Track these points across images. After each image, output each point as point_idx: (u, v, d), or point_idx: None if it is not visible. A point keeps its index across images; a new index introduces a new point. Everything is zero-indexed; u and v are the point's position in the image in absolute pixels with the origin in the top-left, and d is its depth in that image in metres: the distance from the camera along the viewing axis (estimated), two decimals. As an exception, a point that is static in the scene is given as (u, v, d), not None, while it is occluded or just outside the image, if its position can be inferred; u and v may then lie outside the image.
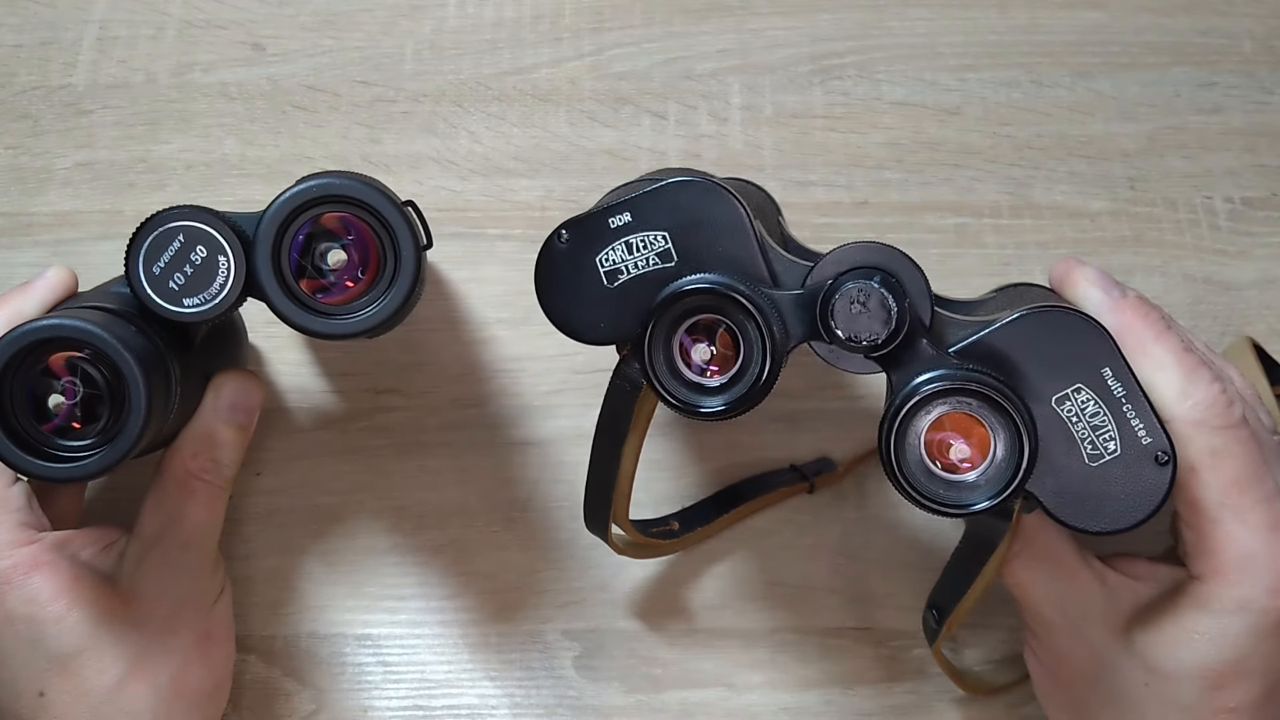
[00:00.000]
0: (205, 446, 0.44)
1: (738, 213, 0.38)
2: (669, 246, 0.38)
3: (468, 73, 0.55)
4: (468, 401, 0.52)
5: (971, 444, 0.36)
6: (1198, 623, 0.40)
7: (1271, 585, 0.39)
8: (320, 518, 0.51)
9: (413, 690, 0.50)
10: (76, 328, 0.38)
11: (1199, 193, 0.54)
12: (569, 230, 0.38)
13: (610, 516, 0.44)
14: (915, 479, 0.36)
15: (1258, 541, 0.39)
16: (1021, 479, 0.36)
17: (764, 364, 0.36)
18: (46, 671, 0.41)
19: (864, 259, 0.37)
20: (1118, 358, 0.37)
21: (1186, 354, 0.39)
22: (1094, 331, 0.37)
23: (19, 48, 0.55)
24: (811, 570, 0.51)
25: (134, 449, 0.38)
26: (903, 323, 0.36)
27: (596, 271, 0.38)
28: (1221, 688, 0.39)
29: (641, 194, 0.38)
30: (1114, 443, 0.37)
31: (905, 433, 0.36)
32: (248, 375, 0.45)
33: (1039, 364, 0.37)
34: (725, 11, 0.56)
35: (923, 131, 0.54)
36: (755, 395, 0.37)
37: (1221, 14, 0.56)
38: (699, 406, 0.37)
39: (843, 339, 0.36)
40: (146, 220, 0.39)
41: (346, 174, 0.40)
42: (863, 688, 0.50)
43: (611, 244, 0.38)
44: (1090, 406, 0.37)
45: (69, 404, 0.39)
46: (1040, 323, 0.37)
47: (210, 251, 0.39)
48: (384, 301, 0.40)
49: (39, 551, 0.42)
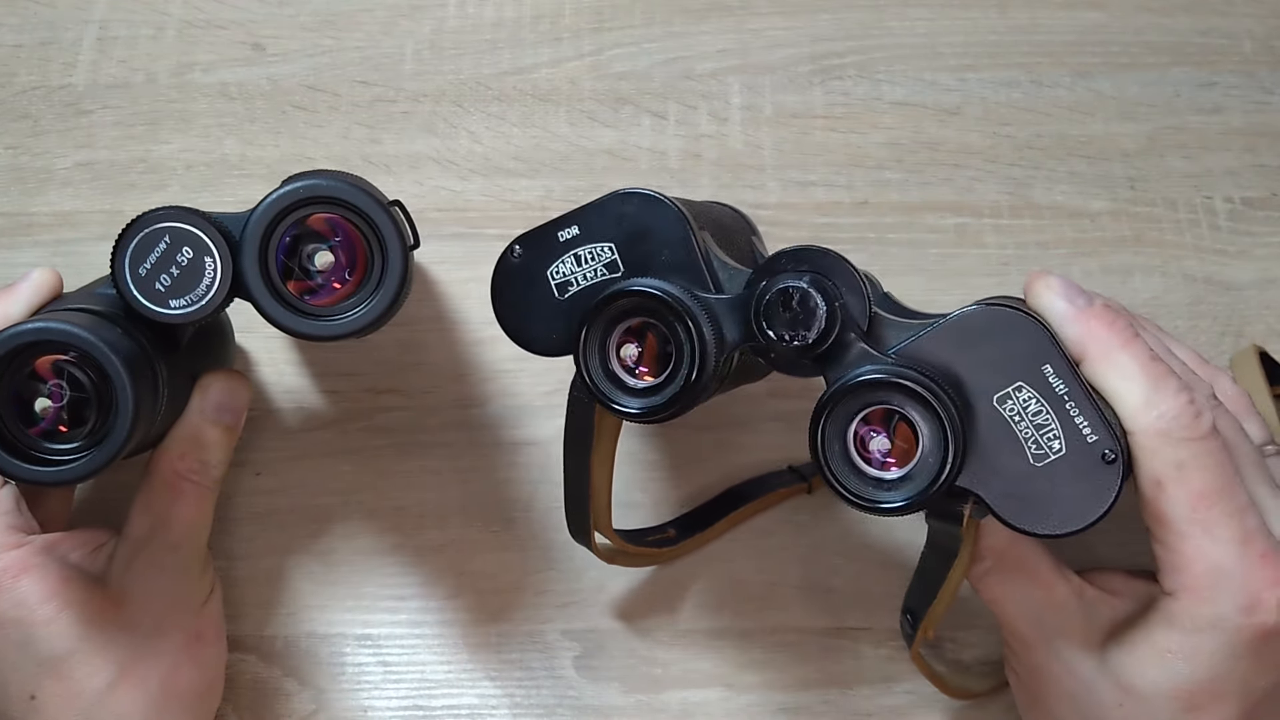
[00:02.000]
0: (192, 447, 0.43)
1: (680, 223, 0.38)
2: (615, 258, 0.38)
3: (468, 73, 0.55)
4: (468, 402, 0.52)
5: (896, 440, 0.36)
6: (1170, 641, 0.38)
7: (1244, 603, 0.37)
8: (320, 518, 0.51)
9: (413, 690, 0.50)
10: (63, 331, 0.37)
11: (1199, 193, 0.54)
12: (521, 245, 0.39)
13: (591, 526, 0.44)
14: (843, 475, 0.36)
15: (1229, 557, 0.37)
16: (946, 475, 0.35)
17: (692, 366, 0.37)
18: (37, 675, 0.41)
19: (798, 263, 0.37)
20: (1058, 355, 0.36)
21: (1153, 363, 0.38)
22: (1033, 328, 0.36)
23: (19, 48, 0.55)
24: (811, 570, 0.51)
25: (121, 452, 0.38)
26: (833, 324, 0.36)
27: (548, 285, 0.39)
28: (1197, 709, 0.38)
29: (587, 206, 0.39)
30: (1059, 442, 0.36)
31: (832, 429, 0.36)
32: (234, 375, 0.45)
33: (979, 363, 0.36)
34: (725, 11, 0.56)
35: (923, 131, 0.54)
36: (683, 397, 0.37)
37: (1221, 14, 0.56)
38: (627, 408, 0.38)
39: (774, 340, 0.37)
40: (132, 221, 0.39)
41: (332, 174, 0.40)
42: (863, 688, 0.50)
43: (561, 257, 0.39)
44: (1032, 405, 0.36)
45: (55, 407, 0.38)
46: (979, 320, 0.37)
47: (196, 252, 0.39)
48: (372, 303, 0.39)
49: (28, 554, 0.42)
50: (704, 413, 0.52)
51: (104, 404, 0.38)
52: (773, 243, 0.52)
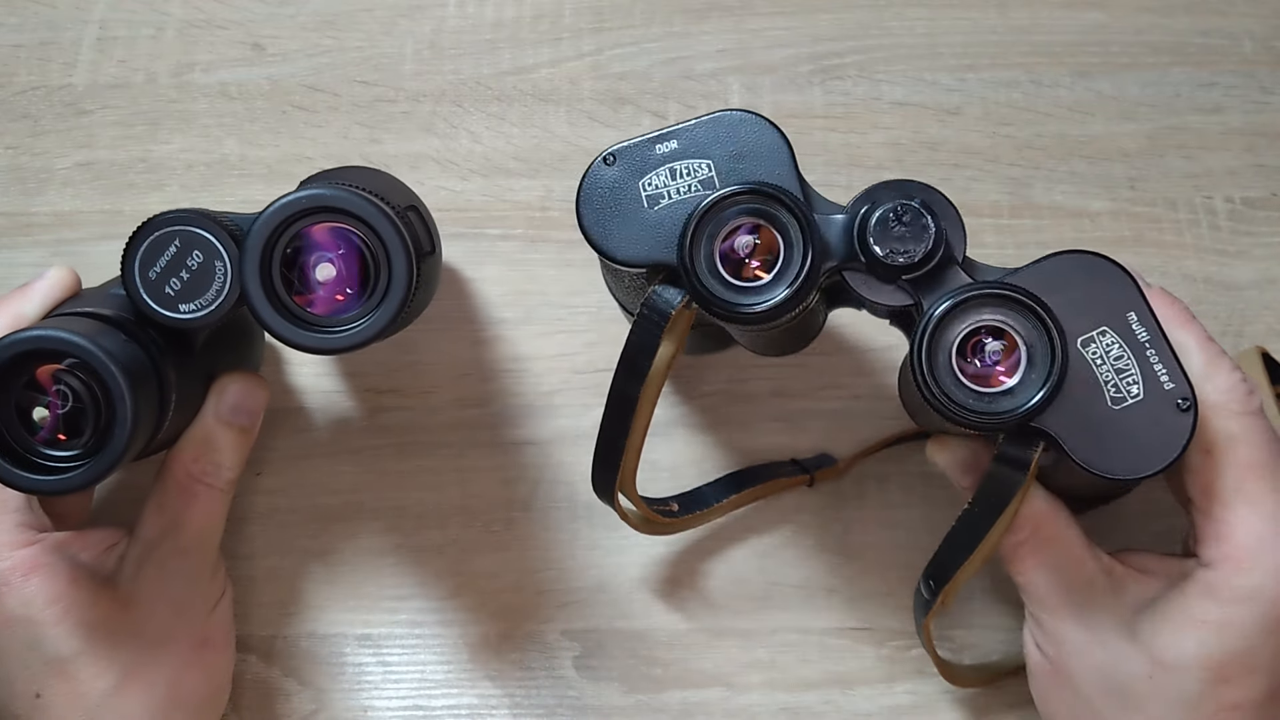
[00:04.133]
0: (206, 449, 0.43)
1: (782, 146, 0.39)
2: (712, 174, 0.39)
3: (468, 73, 0.55)
4: (468, 401, 0.52)
5: (1003, 354, 0.37)
6: (1206, 611, 0.39)
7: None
8: (321, 517, 0.51)
9: (413, 690, 0.50)
10: (61, 339, 0.37)
11: (1199, 193, 0.54)
12: (617, 155, 0.40)
13: (618, 481, 0.43)
14: (949, 389, 0.37)
15: (1271, 529, 0.39)
16: (1052, 387, 0.36)
17: (804, 265, 0.37)
18: (43, 674, 0.41)
19: (903, 189, 0.38)
20: (1142, 303, 0.37)
21: (1210, 342, 0.41)
22: (1120, 276, 0.38)
23: (19, 48, 0.55)
24: (811, 570, 0.51)
25: (120, 461, 0.37)
26: (939, 243, 0.37)
27: (639, 195, 0.39)
28: (1226, 681, 0.39)
29: (690, 122, 0.39)
30: (1137, 386, 0.37)
31: (937, 344, 0.37)
32: (251, 377, 0.45)
33: (1065, 305, 0.37)
34: (725, 11, 0.56)
35: (923, 131, 0.54)
36: (793, 300, 0.38)
37: (1221, 14, 0.56)
38: (736, 304, 0.38)
39: (880, 255, 0.38)
40: (143, 224, 0.39)
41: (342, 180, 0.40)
42: (863, 688, 0.50)
43: (656, 169, 0.39)
44: (1115, 349, 0.37)
45: (54, 416, 0.38)
46: (1067, 265, 0.38)
47: (207, 256, 0.39)
48: (374, 317, 0.39)
49: (38, 553, 0.42)
50: (706, 413, 0.52)
51: (103, 414, 0.38)
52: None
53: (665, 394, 0.50)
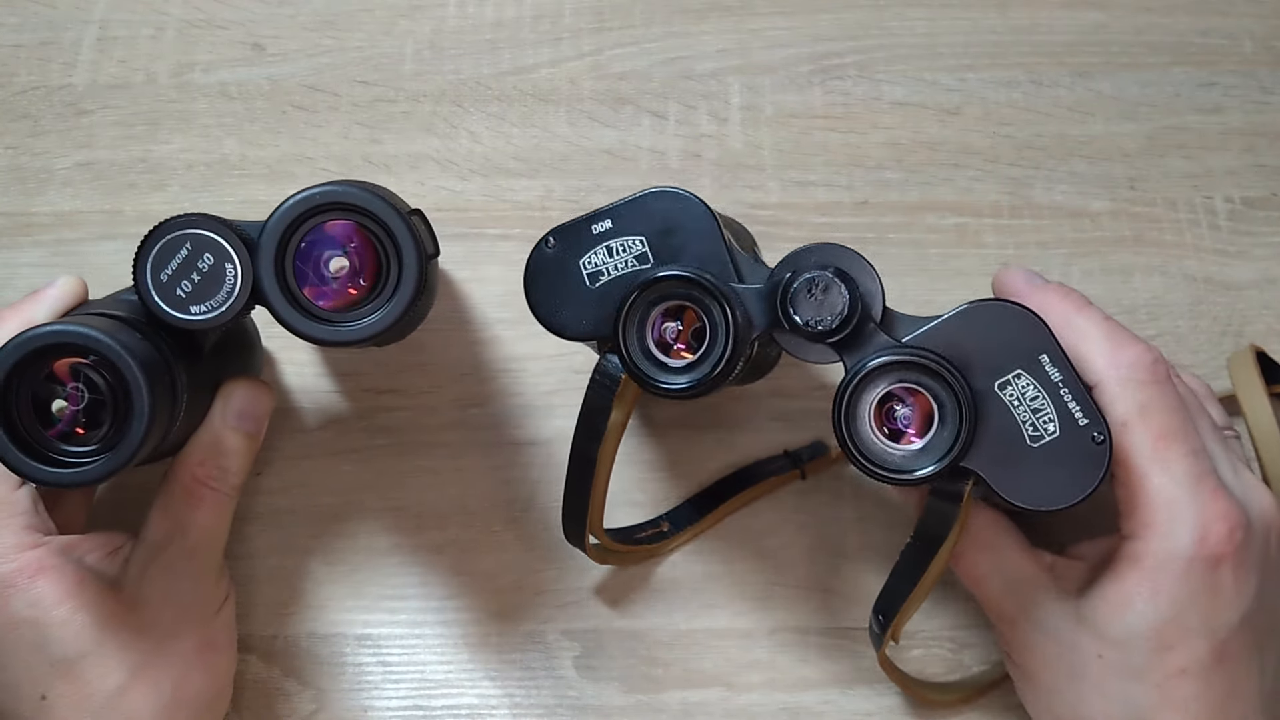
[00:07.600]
0: (213, 454, 0.44)
1: (709, 219, 0.41)
2: (646, 250, 0.41)
3: (468, 73, 0.55)
4: (468, 401, 0.52)
5: (915, 414, 0.39)
6: (1135, 582, 0.40)
7: (1198, 535, 0.39)
8: (321, 518, 0.51)
9: (413, 690, 0.50)
10: (81, 333, 0.38)
11: (1199, 193, 0.54)
12: (555, 236, 0.42)
13: (587, 525, 0.44)
14: (866, 448, 0.39)
15: (1183, 492, 0.40)
16: (963, 444, 0.38)
17: (727, 345, 0.39)
18: (49, 675, 0.41)
19: (821, 257, 0.40)
20: (1054, 345, 0.39)
21: (1107, 322, 0.42)
22: (1032, 321, 0.39)
23: (19, 48, 0.55)
24: (811, 570, 0.51)
25: (136, 455, 0.38)
26: (854, 309, 0.39)
27: (580, 274, 0.41)
28: (1169, 648, 0.40)
29: (621, 202, 0.41)
30: (1053, 424, 0.39)
31: (856, 405, 0.39)
32: (257, 383, 0.45)
33: (982, 353, 0.39)
34: (725, 11, 0.56)
35: (923, 131, 0.54)
36: (718, 374, 0.40)
37: (1221, 14, 0.56)
38: (665, 384, 0.40)
39: (800, 324, 0.39)
40: (155, 228, 0.39)
41: (351, 181, 0.40)
42: (863, 688, 0.50)
43: (594, 248, 0.41)
44: (1030, 391, 0.39)
45: (72, 410, 0.39)
46: (981, 314, 0.40)
47: (217, 259, 0.40)
48: (386, 309, 0.40)
49: (44, 555, 0.42)
50: (704, 412, 0.52)
51: (120, 407, 0.38)
52: (773, 242, 0.52)
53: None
